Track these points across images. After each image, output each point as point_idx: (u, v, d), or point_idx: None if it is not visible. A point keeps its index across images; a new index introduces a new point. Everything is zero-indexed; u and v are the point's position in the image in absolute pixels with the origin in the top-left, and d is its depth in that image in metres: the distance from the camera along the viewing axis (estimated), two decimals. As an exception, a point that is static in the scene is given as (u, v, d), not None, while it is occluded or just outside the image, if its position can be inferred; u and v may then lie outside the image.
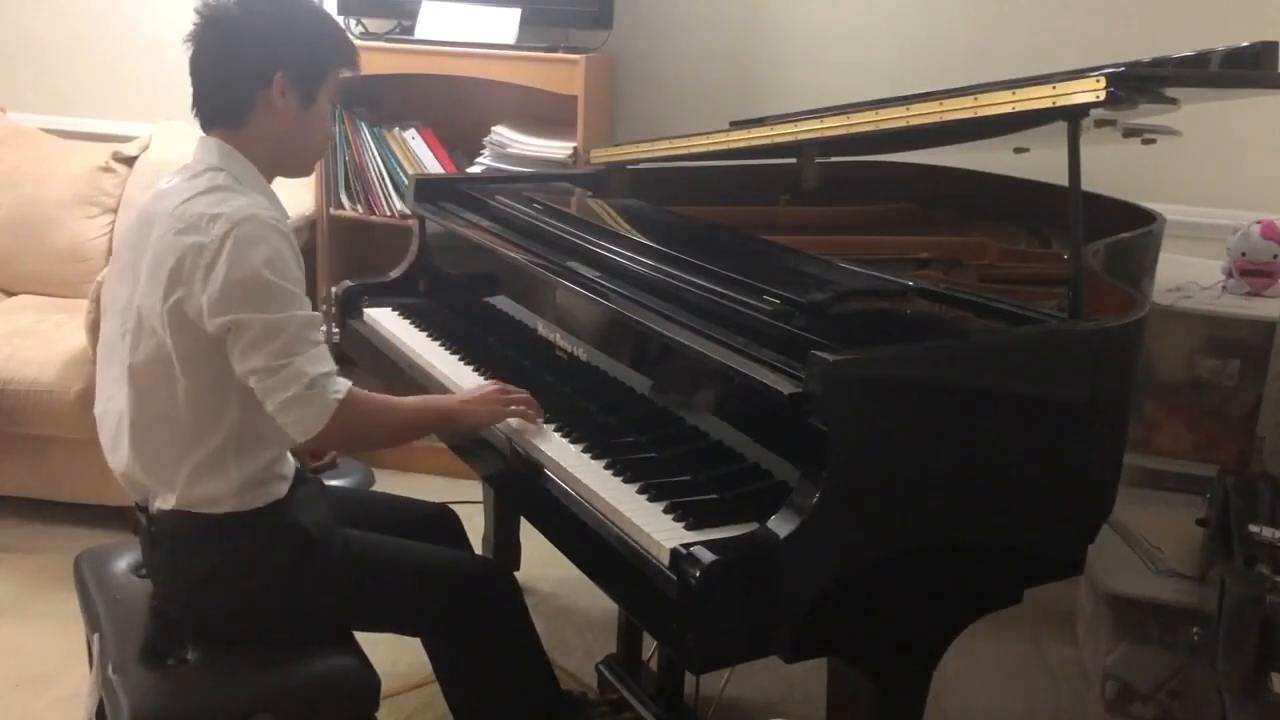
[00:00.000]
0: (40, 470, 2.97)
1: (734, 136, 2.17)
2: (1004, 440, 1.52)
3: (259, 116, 1.71)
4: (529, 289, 2.13)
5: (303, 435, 1.62)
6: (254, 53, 1.69)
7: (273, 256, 1.60)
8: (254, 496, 1.71)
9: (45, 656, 2.49)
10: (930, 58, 3.20)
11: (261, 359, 1.59)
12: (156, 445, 1.70)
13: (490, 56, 3.16)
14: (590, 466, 1.64)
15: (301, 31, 1.74)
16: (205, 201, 1.63)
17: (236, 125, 1.71)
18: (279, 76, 1.69)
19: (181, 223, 1.62)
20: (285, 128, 1.73)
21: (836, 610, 1.41)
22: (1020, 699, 2.51)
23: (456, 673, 1.90)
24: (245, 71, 1.69)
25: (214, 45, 1.70)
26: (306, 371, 1.60)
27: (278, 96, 1.70)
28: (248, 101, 1.70)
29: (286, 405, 1.60)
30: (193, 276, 1.59)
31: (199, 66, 1.72)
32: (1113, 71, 1.58)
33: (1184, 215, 2.86)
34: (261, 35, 1.69)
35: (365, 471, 3.38)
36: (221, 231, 1.59)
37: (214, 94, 1.72)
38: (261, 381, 1.60)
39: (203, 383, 1.65)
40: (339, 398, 1.62)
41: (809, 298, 1.59)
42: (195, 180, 1.67)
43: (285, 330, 1.59)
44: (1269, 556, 1.99)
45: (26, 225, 3.39)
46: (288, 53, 1.70)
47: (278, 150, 1.75)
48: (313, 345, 1.63)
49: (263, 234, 1.61)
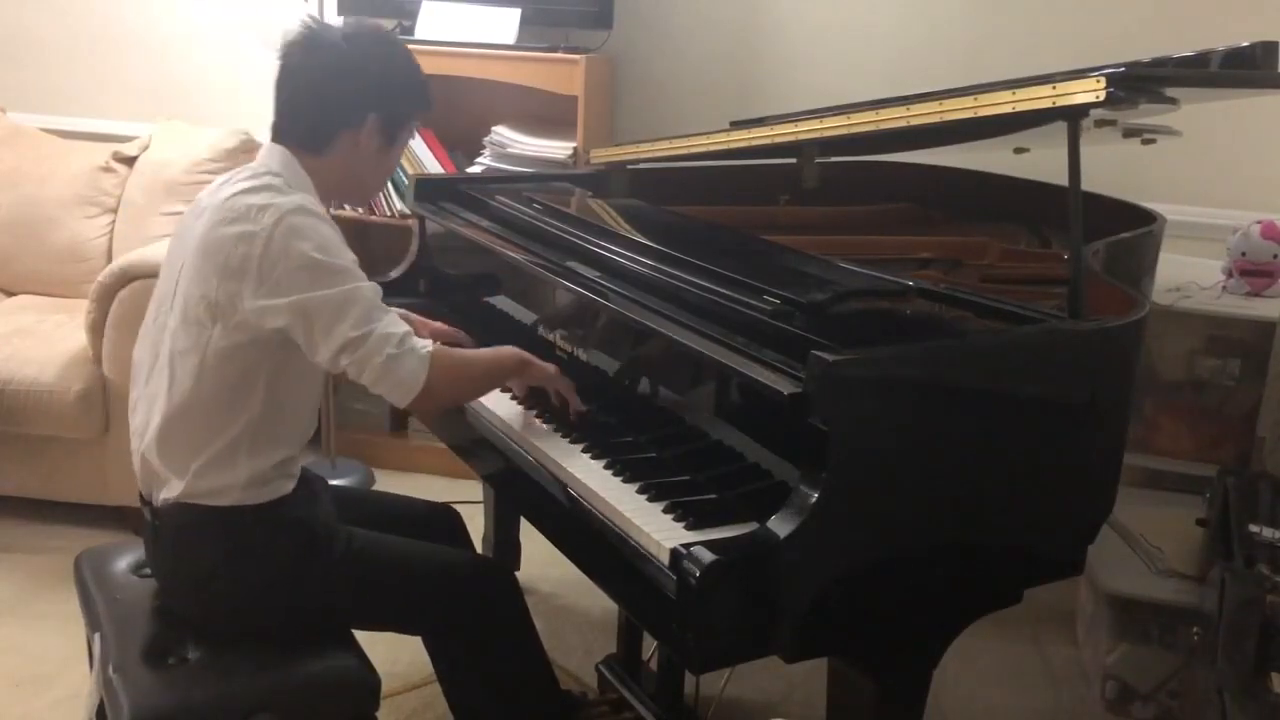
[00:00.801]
0: (40, 470, 2.97)
1: (734, 136, 2.17)
2: (1004, 440, 1.52)
3: (339, 150, 1.76)
4: (529, 289, 2.13)
5: (407, 396, 1.65)
6: (353, 92, 1.74)
7: (322, 241, 1.65)
8: (259, 492, 1.71)
9: (45, 656, 2.48)
10: (930, 58, 3.20)
11: (346, 329, 1.62)
12: (178, 432, 1.71)
13: (490, 56, 3.16)
14: (590, 466, 1.64)
15: (399, 77, 1.80)
16: (256, 196, 1.67)
17: (314, 152, 1.75)
18: (372, 118, 1.75)
19: (232, 214, 1.65)
20: (360, 166, 1.79)
21: (836, 610, 1.41)
22: (1020, 699, 2.51)
23: (457, 672, 1.90)
24: (340, 107, 1.74)
25: (311, 72, 1.74)
26: (393, 332, 1.64)
27: (366, 136, 1.75)
28: (333, 135, 1.75)
29: (386, 368, 1.63)
30: (245, 267, 1.62)
31: (290, 86, 1.76)
32: (1113, 71, 1.58)
33: (1184, 215, 2.86)
34: (363, 75, 1.74)
35: (365, 471, 3.39)
36: (272, 220, 1.62)
37: (299, 117, 1.76)
38: (352, 354, 1.62)
39: (230, 376, 1.67)
40: (430, 350, 1.66)
41: (809, 298, 1.59)
42: (251, 179, 1.71)
43: (358, 300, 1.64)
44: (1269, 556, 1.99)
45: (26, 225, 3.39)
46: (384, 96, 1.76)
47: (344, 181, 1.81)
48: (386, 311, 1.68)
49: (312, 223, 1.65)
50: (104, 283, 2.81)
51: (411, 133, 1.86)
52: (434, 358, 1.66)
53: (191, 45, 3.71)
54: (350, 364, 1.63)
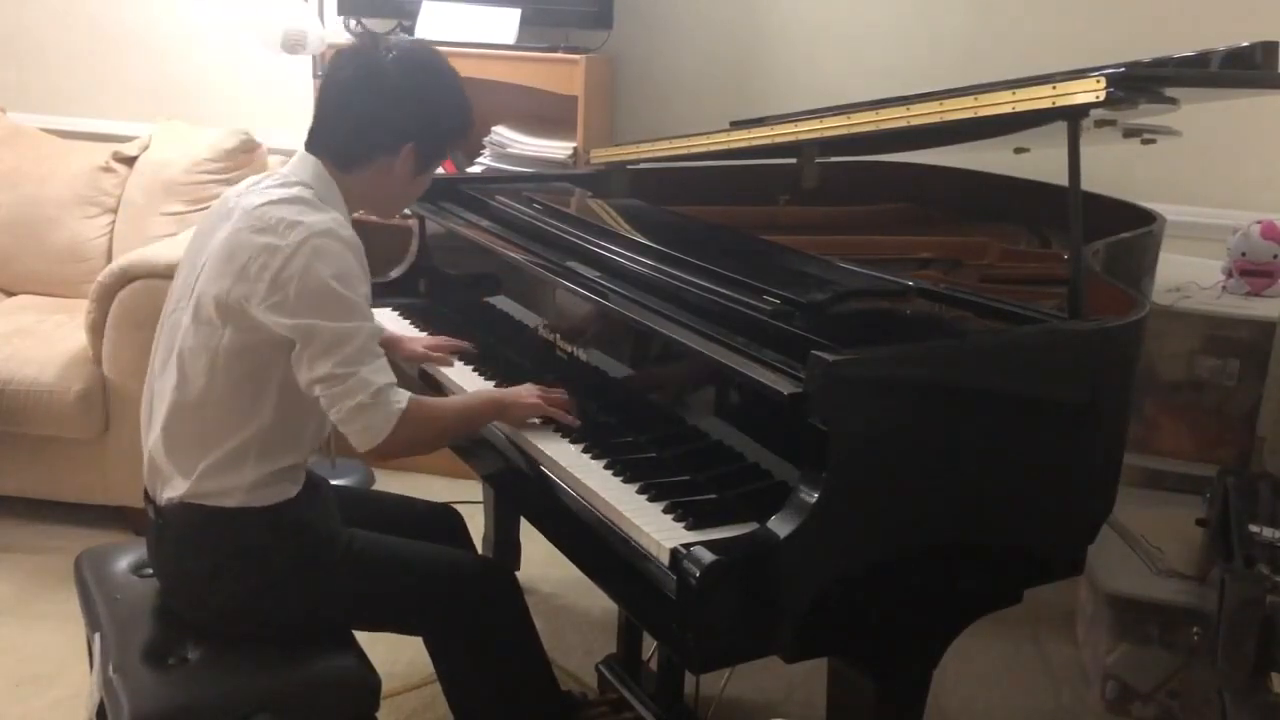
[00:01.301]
0: (40, 470, 2.97)
1: (734, 136, 2.17)
2: (1004, 440, 1.52)
3: (372, 171, 1.75)
4: (529, 289, 2.13)
5: (366, 445, 1.65)
6: (394, 119, 1.73)
7: (343, 270, 1.64)
8: (264, 494, 1.72)
9: (45, 656, 2.48)
10: (930, 58, 3.20)
11: (329, 366, 1.62)
12: (186, 430, 1.71)
13: (490, 56, 3.16)
14: (590, 466, 1.64)
15: (444, 109, 1.77)
16: (287, 209, 1.66)
17: (345, 169, 1.75)
18: (408, 148, 1.73)
19: (260, 223, 1.65)
20: (389, 189, 1.78)
21: (837, 610, 1.41)
22: (1020, 699, 2.51)
23: (457, 672, 1.90)
24: (379, 132, 1.73)
25: (354, 92, 1.73)
26: (372, 381, 1.63)
27: (400, 164, 1.74)
28: (367, 157, 1.74)
29: (353, 414, 1.63)
30: (261, 276, 1.62)
31: (331, 101, 1.75)
32: (1113, 72, 1.58)
33: (1184, 215, 2.86)
34: (407, 104, 1.72)
35: (365, 471, 3.38)
36: (298, 239, 1.62)
37: (336, 134, 1.75)
38: (329, 389, 1.63)
39: (242, 378, 1.68)
40: (401, 408, 1.65)
41: (809, 298, 1.59)
42: (284, 189, 1.70)
43: (354, 340, 1.63)
44: (1269, 556, 1.99)
45: (26, 225, 3.39)
46: (425, 128, 1.75)
47: (374, 198, 1.81)
48: (376, 357, 1.66)
49: (337, 249, 1.64)
50: (104, 283, 2.81)
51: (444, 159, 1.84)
52: (405, 415, 1.65)
53: (191, 45, 3.71)
54: (324, 397, 1.64)
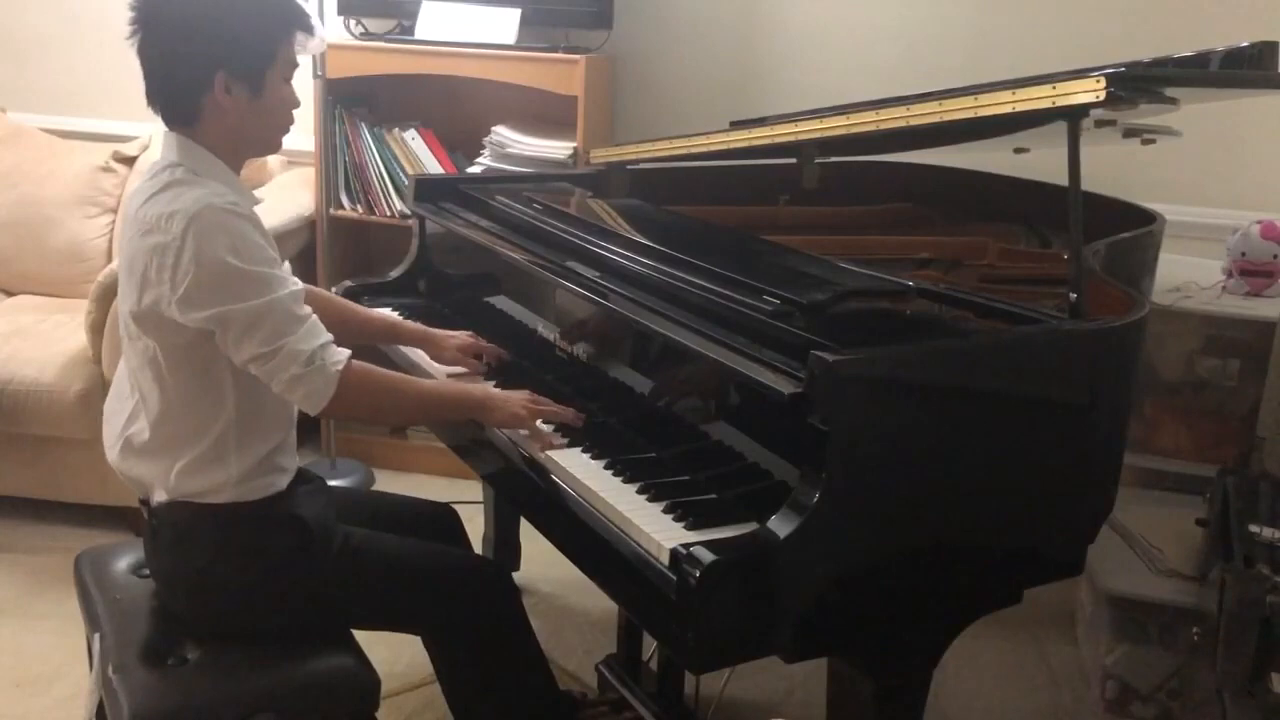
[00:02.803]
0: (40, 470, 2.97)
1: (734, 136, 2.17)
2: (1004, 440, 1.52)
3: (208, 115, 1.66)
4: (529, 289, 2.13)
5: (315, 408, 1.65)
6: (190, 55, 1.63)
7: (236, 243, 1.59)
8: (254, 488, 1.71)
9: (45, 656, 2.48)
10: (930, 58, 3.20)
11: (254, 346, 1.60)
12: (155, 442, 1.70)
13: (490, 56, 3.16)
14: (590, 466, 1.64)
15: (238, 18, 1.64)
16: (162, 200, 1.62)
17: (189, 125, 1.68)
18: (220, 77, 1.64)
19: (144, 225, 1.62)
20: (237, 122, 1.68)
21: (836, 610, 1.41)
22: (1020, 699, 2.51)
23: (456, 672, 1.90)
24: (185, 76, 1.64)
25: (150, 46, 1.65)
26: (301, 350, 1.62)
27: (222, 95, 1.65)
28: (195, 104, 1.66)
29: (292, 384, 1.62)
30: (160, 277, 1.59)
31: (143, 65, 1.67)
32: (1113, 71, 1.58)
33: (1184, 215, 2.86)
34: (195, 34, 1.62)
35: (365, 471, 3.39)
36: (180, 228, 1.58)
37: (160, 95, 1.68)
38: (261, 367, 1.62)
39: (192, 379, 1.66)
40: (339, 368, 1.64)
41: (809, 298, 1.59)
42: (154, 179, 1.66)
43: (271, 314, 1.60)
44: (1269, 556, 1.99)
45: (26, 225, 3.39)
46: (226, 49, 1.63)
47: (236, 140, 1.71)
48: (300, 321, 1.63)
49: (221, 221, 1.59)
50: (104, 283, 2.81)
51: (290, 60, 1.69)
52: (344, 375, 1.64)
53: (191, 45, 3.71)
54: (259, 374, 1.63)
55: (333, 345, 1.66)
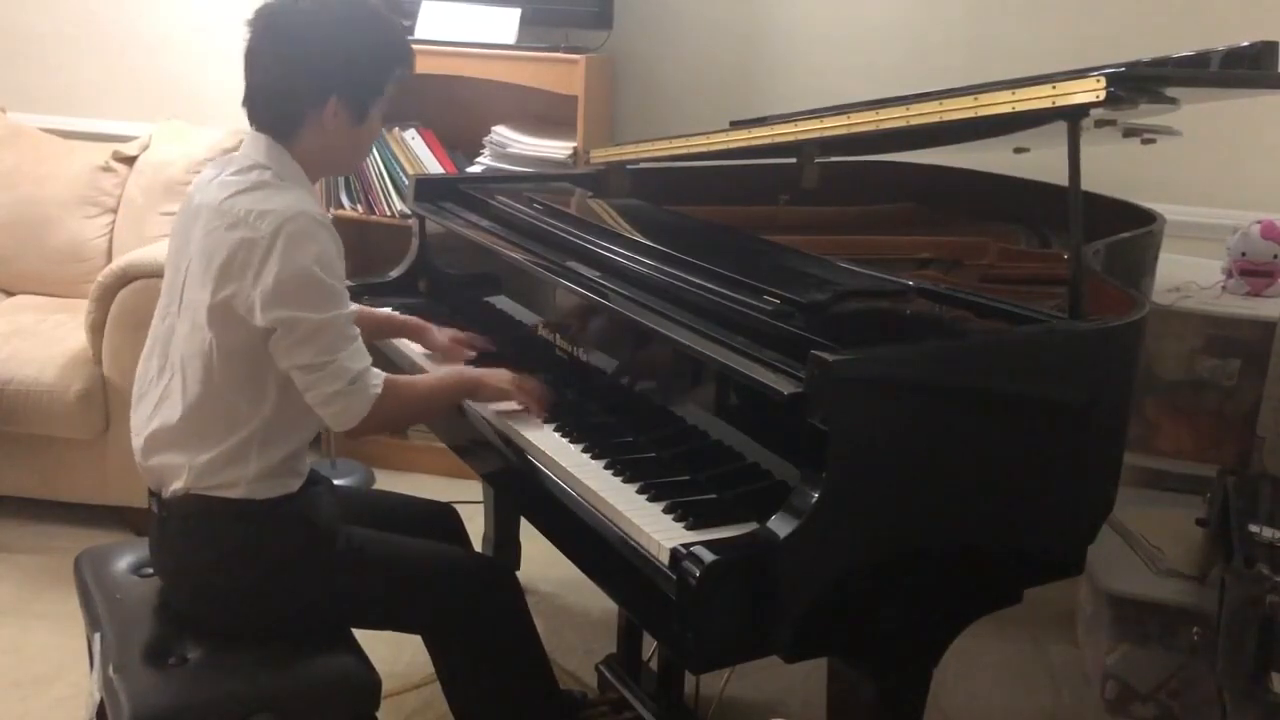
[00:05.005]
0: (40, 470, 2.97)
1: (734, 136, 2.17)
2: (1004, 440, 1.52)
3: (308, 131, 1.72)
4: (529, 289, 2.13)
5: (343, 426, 1.69)
6: (309, 72, 1.68)
7: (322, 253, 1.64)
8: (268, 486, 1.72)
9: (45, 656, 2.49)
10: (930, 58, 3.20)
11: (308, 355, 1.63)
12: (187, 430, 1.71)
13: (490, 56, 3.16)
14: (590, 466, 1.64)
15: (362, 50, 1.71)
16: (252, 197, 1.65)
17: (285, 135, 1.72)
18: (333, 100, 1.70)
19: (230, 218, 1.64)
20: (332, 143, 1.74)
21: (836, 610, 1.41)
22: (1020, 699, 2.51)
23: (457, 671, 1.90)
24: (297, 92, 1.69)
25: (268, 55, 1.69)
26: (350, 368, 1.65)
27: (329, 118, 1.71)
28: (298, 118, 1.71)
29: (330, 399, 1.65)
30: (244, 273, 1.62)
31: (253, 71, 1.71)
32: (1113, 71, 1.58)
33: (1184, 215, 2.86)
34: (320, 56, 1.68)
35: (365, 471, 3.39)
36: (272, 228, 1.61)
37: (266, 103, 1.72)
38: (306, 376, 1.64)
39: (239, 377, 1.68)
40: (378, 391, 1.68)
41: (809, 298, 1.59)
42: (242, 176, 1.69)
43: (331, 328, 1.64)
44: (1269, 556, 1.99)
45: (26, 225, 3.39)
46: (345, 74, 1.70)
47: (324, 159, 1.77)
48: (351, 341, 1.68)
49: (313, 231, 1.64)
50: (104, 283, 2.81)
51: (389, 99, 1.77)
52: (380, 399, 1.68)
53: (191, 45, 3.71)
54: (301, 382, 1.65)
55: (373, 369, 1.70)
